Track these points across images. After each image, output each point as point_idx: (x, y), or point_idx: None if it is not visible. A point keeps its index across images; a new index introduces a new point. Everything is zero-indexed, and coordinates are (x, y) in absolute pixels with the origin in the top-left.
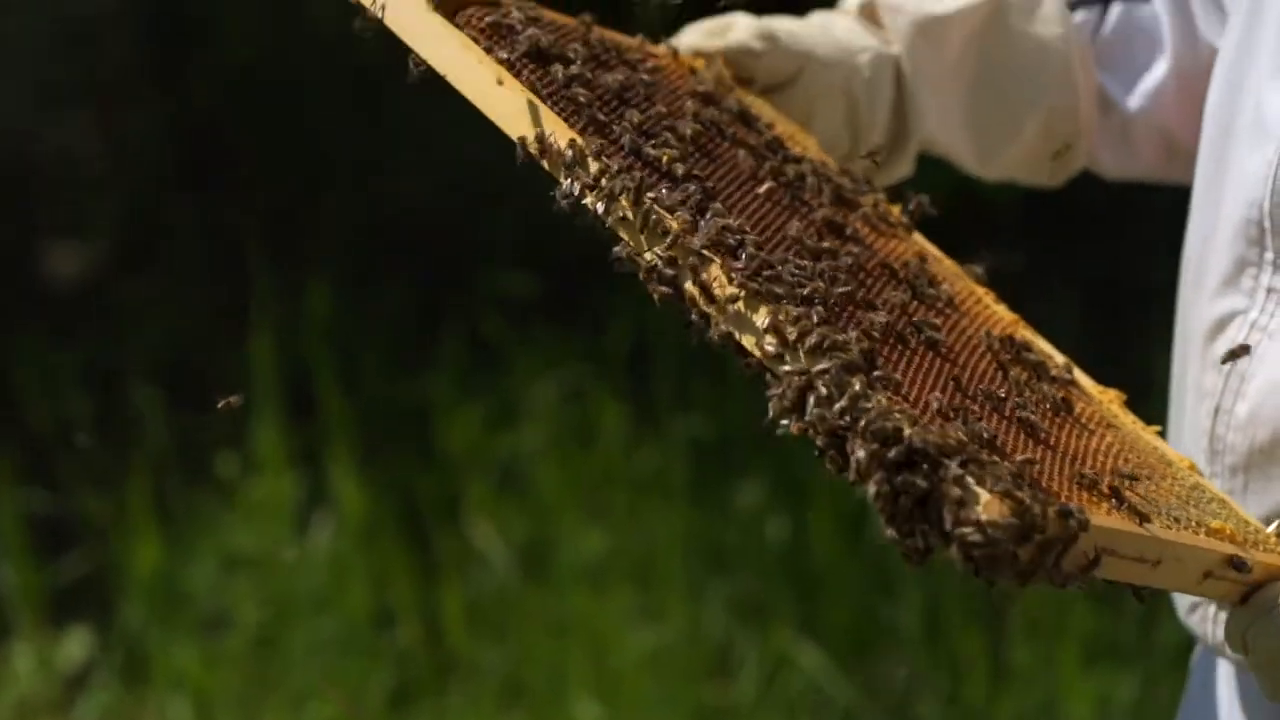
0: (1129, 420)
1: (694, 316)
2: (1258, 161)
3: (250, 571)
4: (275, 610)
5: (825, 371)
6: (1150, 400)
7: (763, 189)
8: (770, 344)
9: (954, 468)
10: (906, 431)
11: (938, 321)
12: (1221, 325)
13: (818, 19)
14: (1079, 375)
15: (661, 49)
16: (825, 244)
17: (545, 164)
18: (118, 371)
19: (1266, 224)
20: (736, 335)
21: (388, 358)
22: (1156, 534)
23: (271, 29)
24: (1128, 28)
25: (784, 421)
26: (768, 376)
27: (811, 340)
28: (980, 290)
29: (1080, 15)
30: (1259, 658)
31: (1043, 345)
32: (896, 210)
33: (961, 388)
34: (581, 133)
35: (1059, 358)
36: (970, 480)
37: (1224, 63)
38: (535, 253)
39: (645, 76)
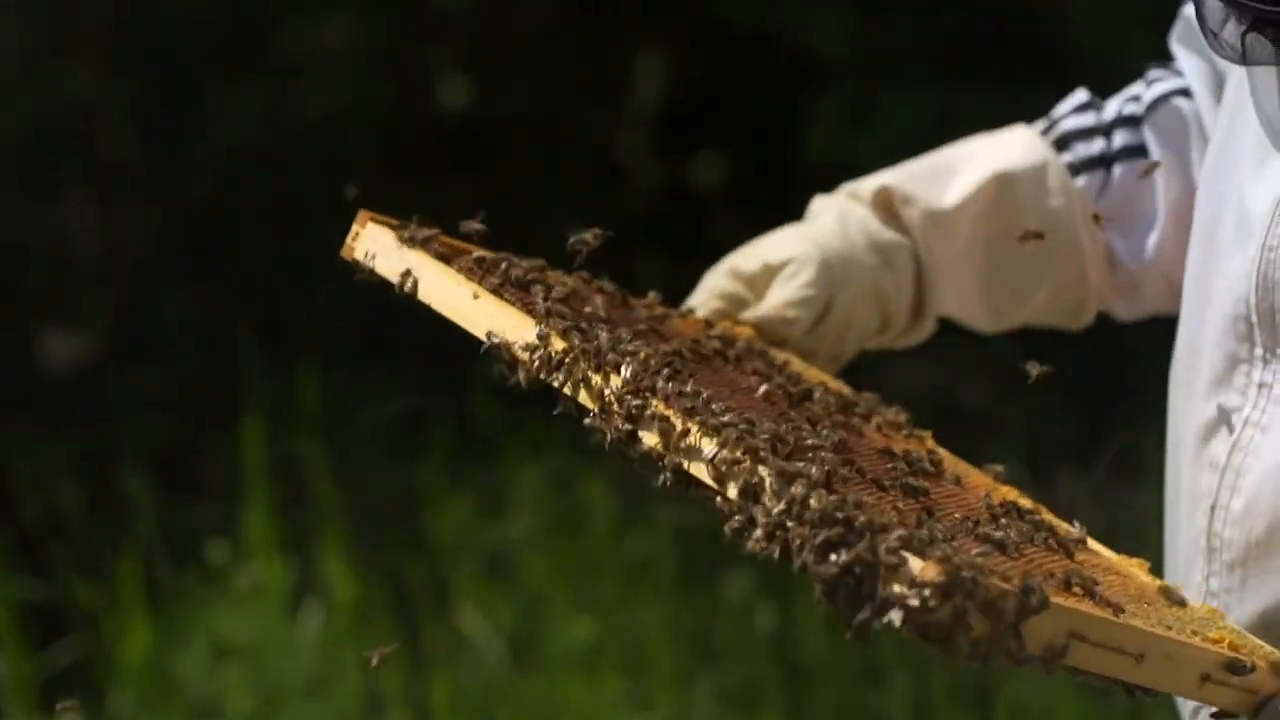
0: (1151, 581)
1: (663, 473)
2: (1241, 259)
3: (240, 658)
4: (265, 697)
5: (765, 479)
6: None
7: (760, 391)
8: (723, 464)
9: (891, 539)
10: (844, 514)
11: (925, 484)
12: (1214, 425)
13: (832, 214)
14: (1094, 544)
15: (673, 310)
16: (808, 423)
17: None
18: (109, 459)
19: (1254, 319)
20: (686, 465)
21: (378, 445)
22: (1133, 624)
23: (268, 119)
24: (1129, 184)
25: (743, 538)
26: (718, 501)
27: (761, 460)
28: (1002, 487)
29: (1083, 180)
30: None
31: (1061, 523)
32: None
33: (931, 514)
34: (561, 332)
35: (1074, 530)
36: (906, 552)
37: (1207, 173)
38: None
39: (643, 317)
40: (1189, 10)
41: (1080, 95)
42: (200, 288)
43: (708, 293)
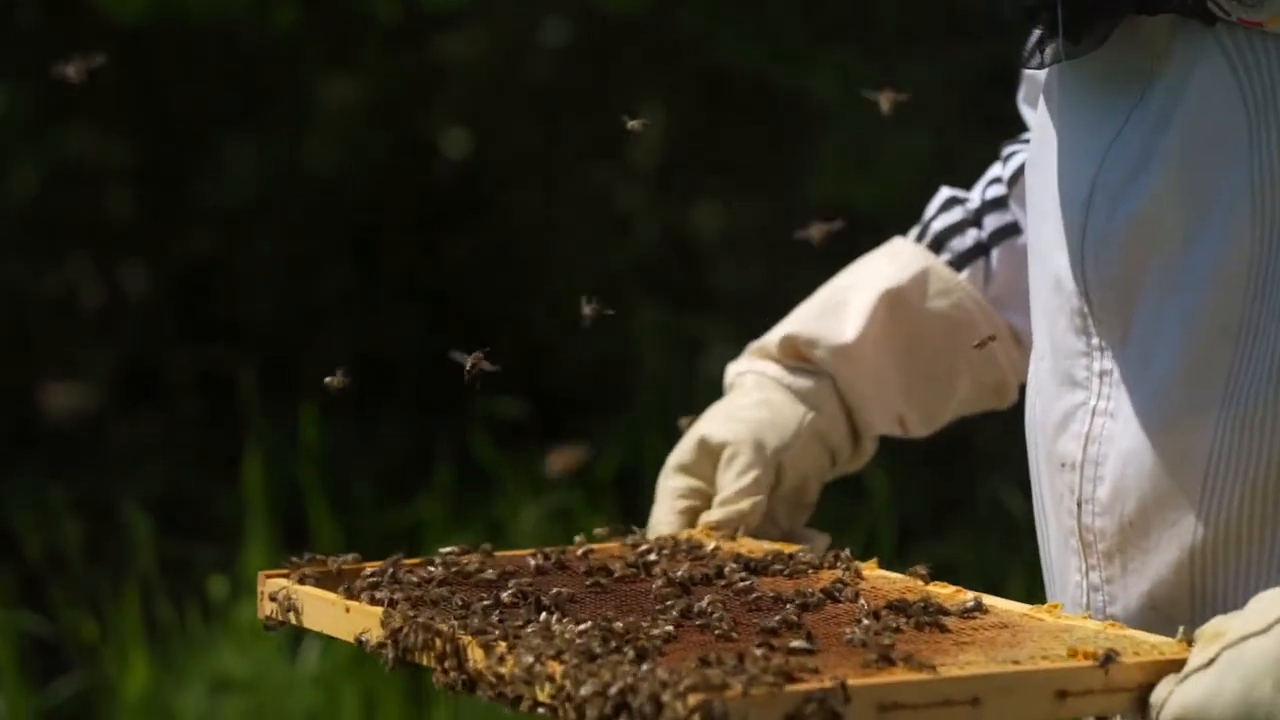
0: (1053, 619)
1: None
2: (1066, 253)
3: (240, 694)
4: None
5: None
6: None
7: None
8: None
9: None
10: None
11: (793, 620)
12: (1065, 423)
13: (748, 382)
14: (995, 604)
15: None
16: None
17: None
18: (109, 499)
19: (1086, 310)
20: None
21: (379, 482)
22: (951, 674)
23: (269, 174)
24: (1011, 262)
25: None
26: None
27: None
28: (928, 586)
29: (966, 273)
30: None
31: (961, 596)
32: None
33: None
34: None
35: (969, 595)
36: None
37: (1029, 193)
38: (525, 377)
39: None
40: (1028, 71)
41: (944, 193)
42: (200, 340)
43: (668, 505)
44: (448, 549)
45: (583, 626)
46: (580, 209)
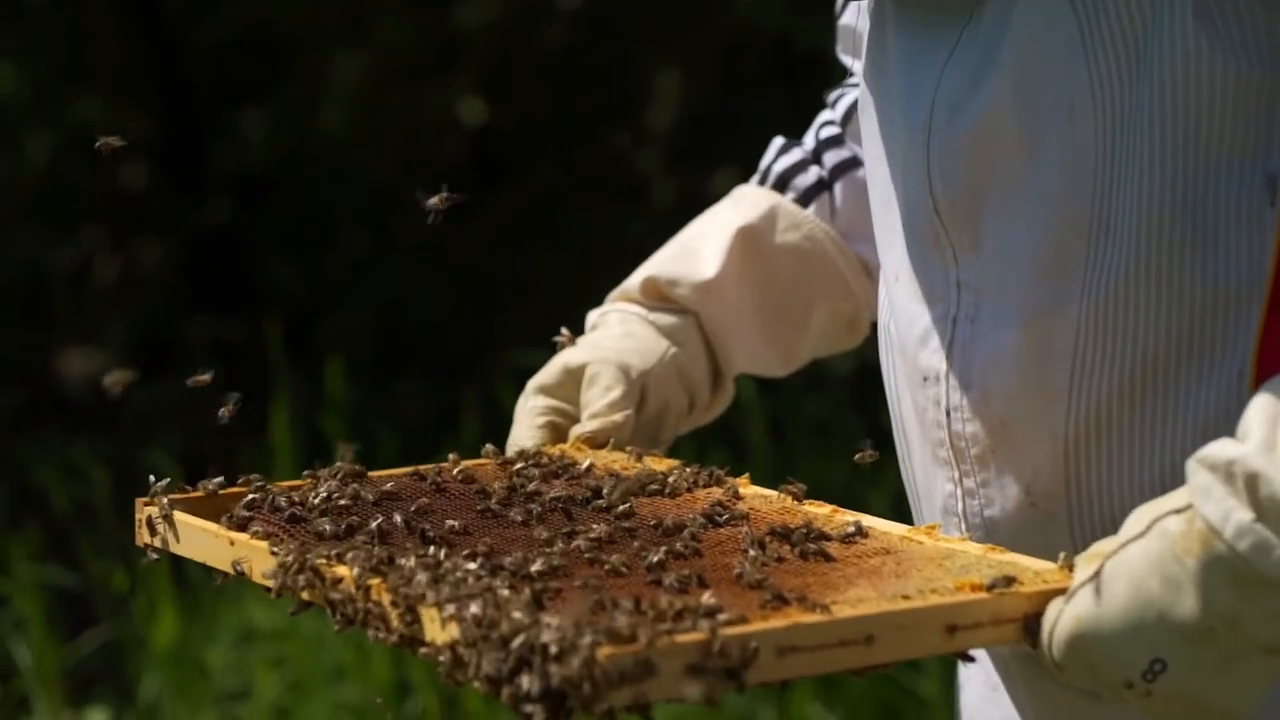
0: (932, 541)
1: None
2: (913, 167)
3: (268, 644)
4: (293, 683)
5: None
6: None
7: (530, 528)
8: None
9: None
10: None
11: (679, 547)
12: (926, 336)
13: (611, 319)
14: (875, 526)
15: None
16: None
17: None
18: (134, 453)
19: (938, 221)
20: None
21: (404, 438)
22: (844, 614)
23: (285, 142)
24: (855, 195)
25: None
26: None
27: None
28: (802, 505)
29: (813, 208)
30: (1077, 672)
31: (839, 518)
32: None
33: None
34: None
35: (849, 518)
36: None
37: (865, 122)
38: (548, 337)
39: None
40: (843, 21)
41: (778, 141)
42: (217, 307)
43: (527, 423)
44: (324, 469)
45: (472, 566)
46: (598, 174)
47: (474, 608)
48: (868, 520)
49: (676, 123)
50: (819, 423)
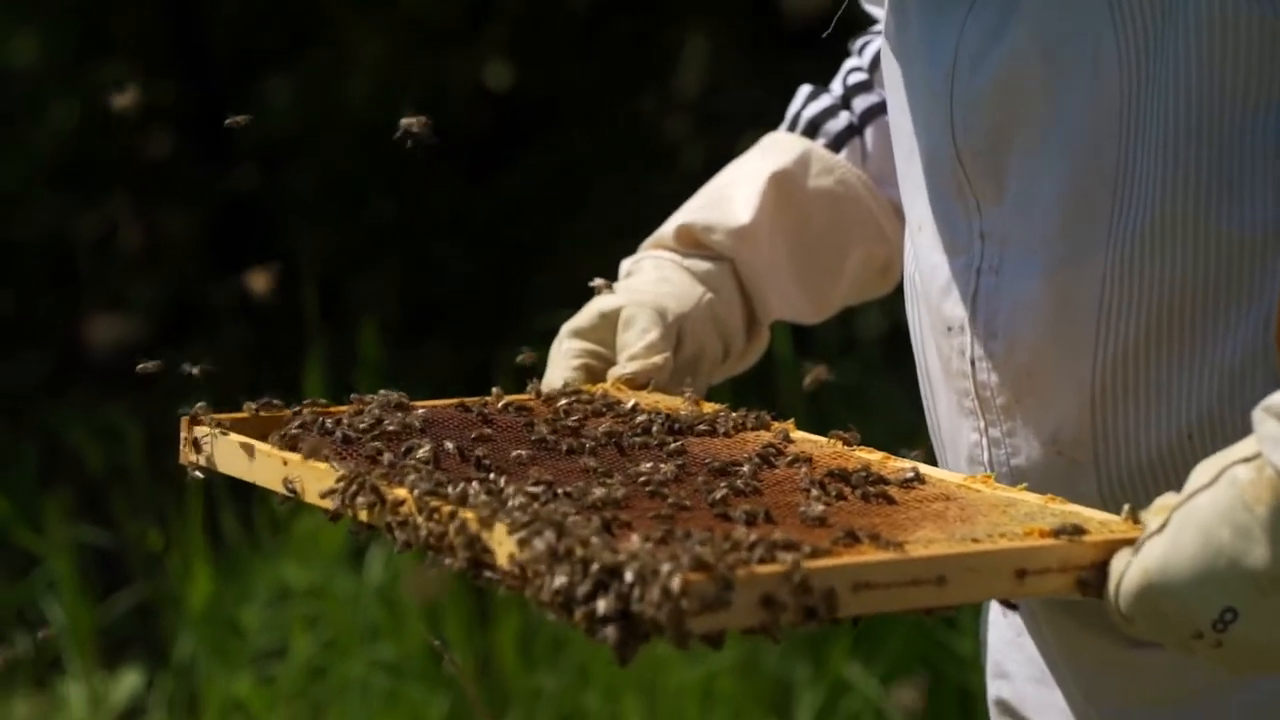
0: (990, 489)
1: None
2: (935, 120)
3: (303, 603)
4: (328, 642)
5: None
6: None
7: (581, 460)
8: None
9: (633, 570)
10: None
11: (739, 484)
12: (949, 286)
13: (646, 265)
14: (930, 473)
15: (523, 396)
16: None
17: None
18: (166, 413)
19: (961, 173)
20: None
21: (437, 398)
22: (919, 554)
23: (311, 108)
24: (885, 139)
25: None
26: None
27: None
28: (855, 451)
29: (844, 152)
30: (1145, 623)
31: (893, 464)
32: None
33: (687, 534)
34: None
35: (905, 464)
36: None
37: (888, 69)
38: (574, 303)
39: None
40: None
41: (806, 88)
42: (244, 272)
43: (563, 365)
44: (370, 395)
45: (536, 490)
46: (626, 139)
47: (548, 532)
48: (924, 468)
49: (705, 88)
50: (852, 386)
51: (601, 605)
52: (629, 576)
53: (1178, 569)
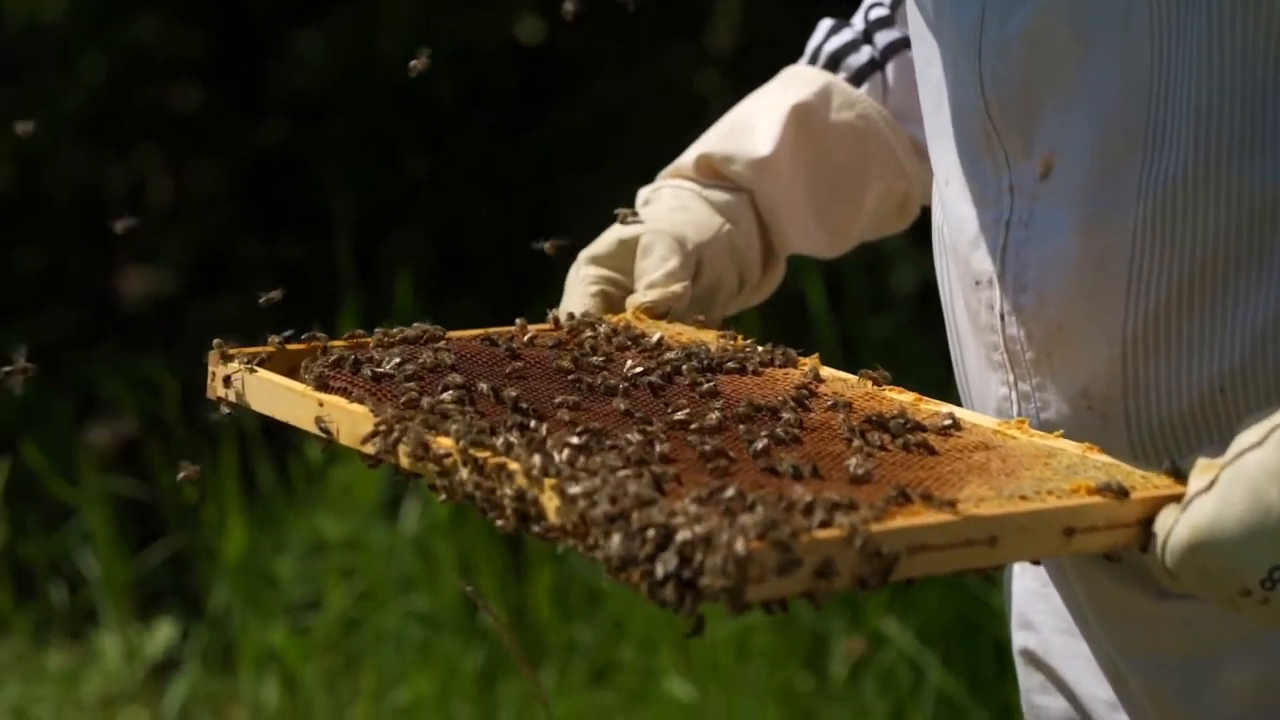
0: (1026, 436)
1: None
2: (965, 71)
3: (338, 555)
4: (362, 594)
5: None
6: None
7: (615, 402)
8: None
9: (684, 534)
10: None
11: (779, 432)
12: (978, 240)
13: (665, 194)
14: (965, 417)
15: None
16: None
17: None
18: (199, 366)
19: (990, 125)
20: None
21: None
22: (972, 514)
23: (339, 62)
24: (907, 76)
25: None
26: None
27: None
28: (884, 390)
29: (865, 87)
30: (1192, 579)
31: (927, 407)
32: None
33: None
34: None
35: (943, 410)
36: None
37: (914, 23)
38: None
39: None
40: None
41: (827, 22)
42: (274, 228)
43: (580, 291)
44: (398, 329)
45: (578, 441)
46: (657, 93)
47: (603, 495)
48: (959, 411)
49: (738, 42)
50: (882, 340)
51: (660, 569)
52: (688, 539)
53: (1227, 527)
